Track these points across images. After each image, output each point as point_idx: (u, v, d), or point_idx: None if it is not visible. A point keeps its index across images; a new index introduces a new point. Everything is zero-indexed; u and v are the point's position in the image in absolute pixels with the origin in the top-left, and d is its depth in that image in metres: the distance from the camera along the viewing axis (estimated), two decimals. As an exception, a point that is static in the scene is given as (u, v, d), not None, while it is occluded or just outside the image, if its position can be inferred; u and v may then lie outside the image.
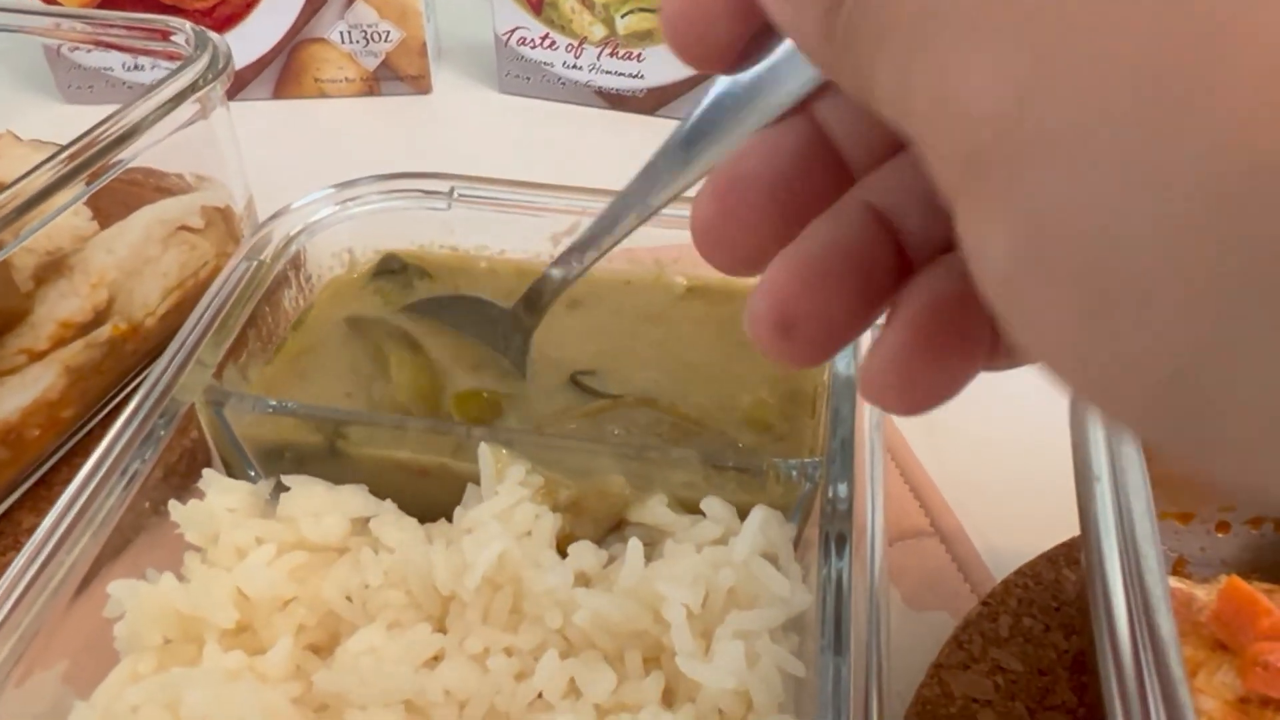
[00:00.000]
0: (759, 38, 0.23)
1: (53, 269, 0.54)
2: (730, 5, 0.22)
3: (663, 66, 0.82)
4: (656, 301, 0.51)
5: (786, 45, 0.23)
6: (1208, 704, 0.36)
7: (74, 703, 0.34)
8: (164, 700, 0.33)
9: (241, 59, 0.84)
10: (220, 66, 0.54)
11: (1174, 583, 0.40)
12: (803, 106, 0.24)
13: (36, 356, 0.50)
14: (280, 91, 0.87)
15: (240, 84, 0.86)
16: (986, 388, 0.63)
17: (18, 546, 0.35)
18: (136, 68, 0.80)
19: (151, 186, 0.60)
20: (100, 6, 0.80)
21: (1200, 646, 0.39)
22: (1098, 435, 0.35)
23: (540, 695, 0.35)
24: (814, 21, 0.19)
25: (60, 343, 0.51)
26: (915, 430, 0.56)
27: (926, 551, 0.49)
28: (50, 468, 0.51)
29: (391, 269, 0.52)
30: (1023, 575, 0.45)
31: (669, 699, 0.36)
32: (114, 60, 0.82)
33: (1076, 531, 0.34)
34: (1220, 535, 0.43)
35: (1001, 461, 0.54)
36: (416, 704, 0.34)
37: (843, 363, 0.43)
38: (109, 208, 0.58)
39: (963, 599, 0.47)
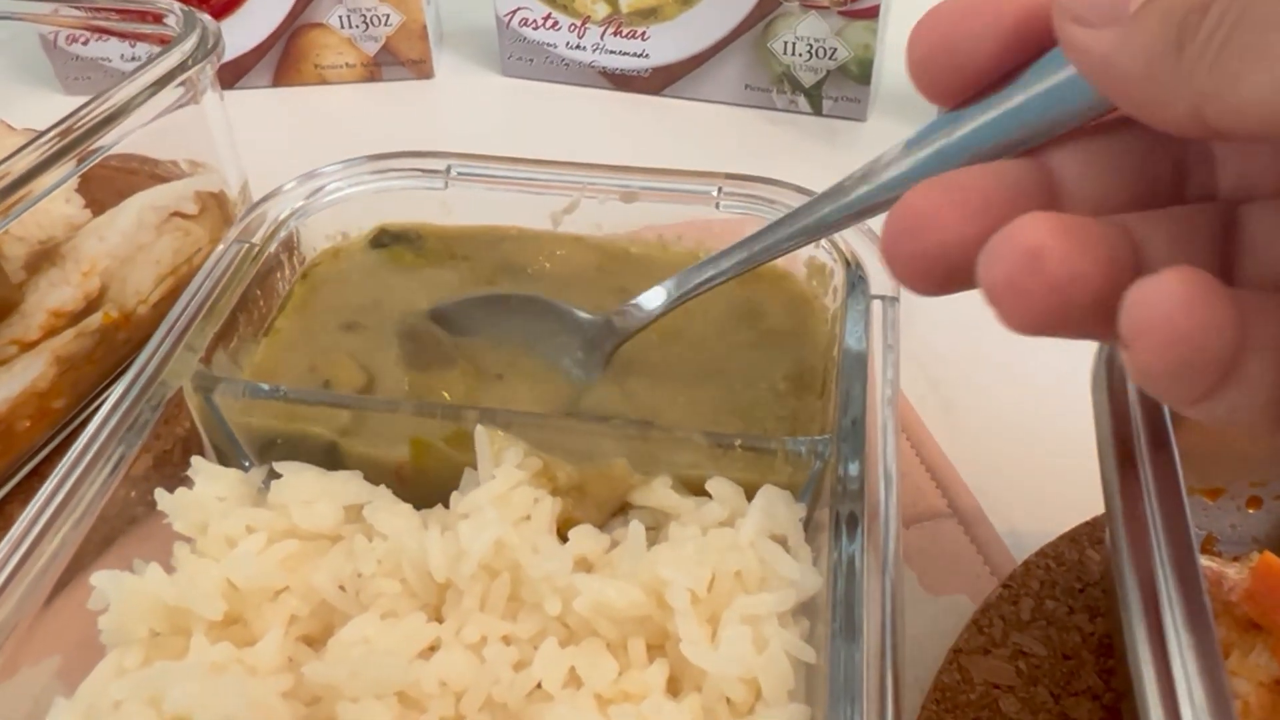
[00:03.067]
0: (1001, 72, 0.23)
1: (45, 258, 0.53)
2: (999, 33, 0.22)
3: (668, 45, 0.80)
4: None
5: (1035, 82, 0.22)
6: (1242, 687, 0.35)
7: (55, 698, 0.33)
8: (147, 695, 0.31)
9: (240, 46, 0.83)
10: (210, 47, 0.52)
11: (1203, 561, 0.38)
12: (1033, 151, 0.23)
13: (27, 347, 0.49)
14: (280, 79, 0.86)
15: (240, 71, 0.85)
16: (1002, 363, 0.61)
17: (8, 541, 0.35)
18: (134, 58, 0.80)
19: (146, 174, 0.59)
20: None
21: (1232, 628, 0.37)
22: (1121, 409, 0.33)
23: (539, 685, 0.33)
24: (1158, 33, 0.18)
25: (52, 332, 0.50)
26: (932, 410, 0.54)
27: (944, 534, 0.47)
28: (43, 460, 0.49)
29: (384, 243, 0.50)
30: (1044, 556, 0.44)
31: (674, 688, 0.34)
32: (112, 50, 0.81)
33: (1100, 510, 0.32)
34: (1251, 511, 0.41)
35: (1021, 439, 0.52)
36: (410, 695, 0.33)
37: (853, 339, 0.41)
38: (103, 197, 0.57)
39: (982, 582, 0.45)
